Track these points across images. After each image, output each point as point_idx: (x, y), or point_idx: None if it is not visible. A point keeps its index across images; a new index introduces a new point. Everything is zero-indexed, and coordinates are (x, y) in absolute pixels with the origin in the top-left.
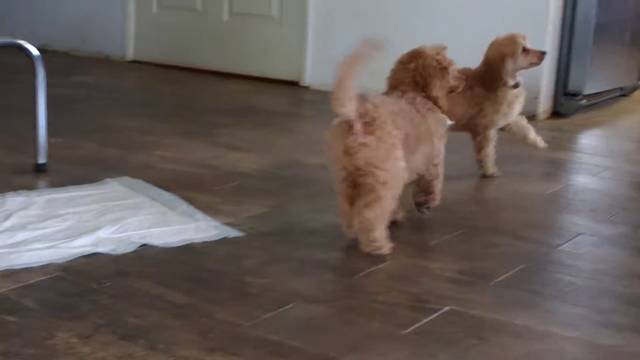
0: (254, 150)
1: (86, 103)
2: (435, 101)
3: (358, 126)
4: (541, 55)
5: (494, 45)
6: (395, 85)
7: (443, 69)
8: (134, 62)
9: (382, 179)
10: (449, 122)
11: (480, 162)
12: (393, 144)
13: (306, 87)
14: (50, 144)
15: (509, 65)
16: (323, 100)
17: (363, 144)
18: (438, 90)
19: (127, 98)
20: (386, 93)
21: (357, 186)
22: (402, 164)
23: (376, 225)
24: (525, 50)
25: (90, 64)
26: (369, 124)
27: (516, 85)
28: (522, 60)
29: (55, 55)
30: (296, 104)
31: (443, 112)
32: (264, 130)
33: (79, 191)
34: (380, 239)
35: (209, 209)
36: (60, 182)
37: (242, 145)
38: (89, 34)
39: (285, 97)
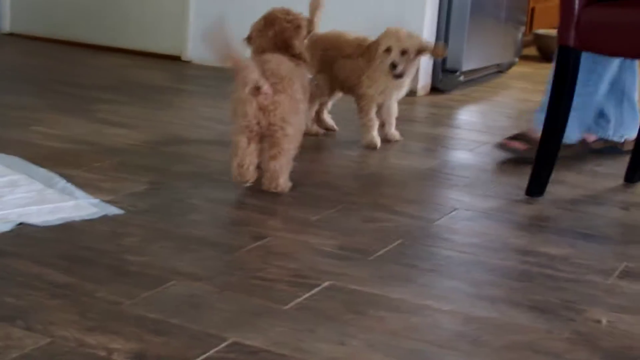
0: (135, 126)
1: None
2: (300, 57)
3: (267, 86)
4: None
5: (386, 32)
6: (261, 51)
7: (297, 27)
8: (10, 35)
9: (289, 132)
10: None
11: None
12: (299, 99)
13: (188, 62)
14: None
15: (382, 55)
16: (206, 75)
17: (277, 102)
18: (299, 46)
19: (1, 72)
20: (253, 58)
21: (261, 138)
22: (303, 116)
23: (281, 173)
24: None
25: None
26: (277, 83)
27: (399, 75)
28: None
29: None
30: (178, 79)
31: (307, 64)
32: (144, 106)
33: None
34: (284, 185)
35: (88, 186)
36: None
37: (122, 121)
38: None
39: (167, 72)
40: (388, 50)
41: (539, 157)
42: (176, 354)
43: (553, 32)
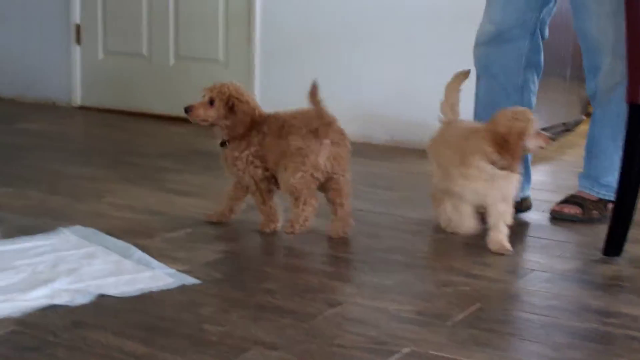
0: (203, 194)
1: (32, 151)
2: None
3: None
4: None
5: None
6: None
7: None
8: (81, 107)
9: None
10: None
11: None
12: None
13: None
14: None
15: None
16: None
17: None
18: None
19: (73, 145)
20: None
21: None
22: None
23: None
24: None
25: (37, 111)
26: None
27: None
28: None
29: (1, 103)
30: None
31: None
32: (211, 174)
33: (31, 242)
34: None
35: (163, 257)
36: (11, 233)
37: (190, 189)
38: (35, 80)
39: None
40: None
41: (615, 217)
42: None
43: None
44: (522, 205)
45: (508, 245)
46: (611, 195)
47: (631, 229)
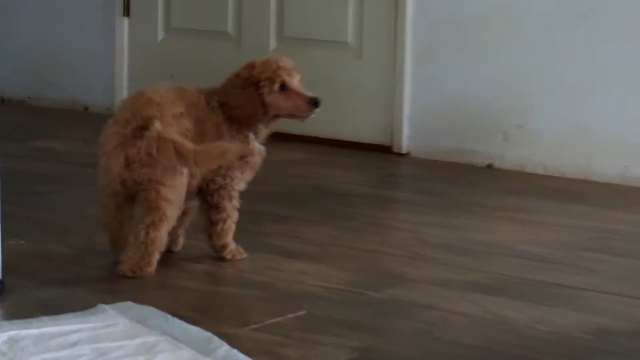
0: (324, 257)
1: (55, 183)
2: None
3: None
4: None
5: None
6: None
7: None
8: None
9: None
10: None
11: None
12: None
13: (402, 155)
14: (6, 249)
15: None
16: (428, 175)
17: None
18: None
19: None
20: None
21: None
22: None
23: None
24: None
25: (60, 120)
26: None
27: None
28: None
29: (9, 106)
30: (385, 180)
31: None
32: (337, 226)
33: (59, 325)
34: None
35: (262, 354)
36: (26, 309)
37: (304, 249)
38: (58, 74)
39: (367, 169)
40: None
41: None
42: None
43: None
44: None
45: None
46: None
47: None
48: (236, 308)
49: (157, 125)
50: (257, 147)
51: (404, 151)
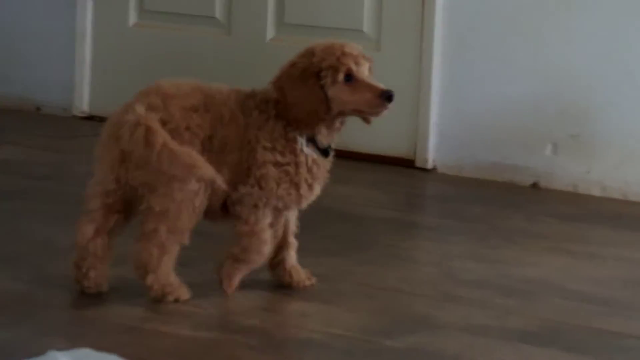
0: (332, 296)
1: (6, 200)
2: None
3: None
4: None
5: None
6: None
7: None
8: (89, 118)
9: None
10: None
11: None
12: None
13: (428, 170)
14: None
15: None
16: (461, 194)
17: None
18: None
19: (79, 187)
20: None
21: None
22: None
23: None
24: None
25: (12, 121)
26: None
27: None
28: None
29: None
30: (409, 202)
31: None
32: (349, 257)
33: None
34: None
35: None
36: None
37: (308, 286)
38: (4, 64)
39: (389, 186)
40: None
41: None
42: None
43: None
44: None
45: None
46: None
47: None
48: (224, 354)
49: (139, 108)
50: (309, 153)
51: (429, 166)
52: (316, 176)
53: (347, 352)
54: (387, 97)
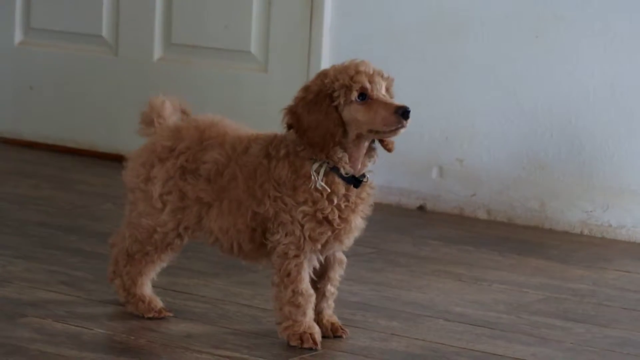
0: (220, 319)
1: None
2: None
3: None
4: None
5: None
6: None
7: None
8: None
9: None
10: None
11: None
12: None
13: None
14: None
15: None
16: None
17: None
18: None
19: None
20: None
21: None
22: None
23: None
24: None
25: None
26: None
27: None
28: None
29: None
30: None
31: None
32: (232, 279)
33: None
34: None
35: None
36: None
37: (193, 307)
38: None
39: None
40: None
41: None
42: None
43: None
44: None
45: None
46: None
47: None
48: None
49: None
50: (321, 185)
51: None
52: (351, 208)
53: None
54: (402, 112)
